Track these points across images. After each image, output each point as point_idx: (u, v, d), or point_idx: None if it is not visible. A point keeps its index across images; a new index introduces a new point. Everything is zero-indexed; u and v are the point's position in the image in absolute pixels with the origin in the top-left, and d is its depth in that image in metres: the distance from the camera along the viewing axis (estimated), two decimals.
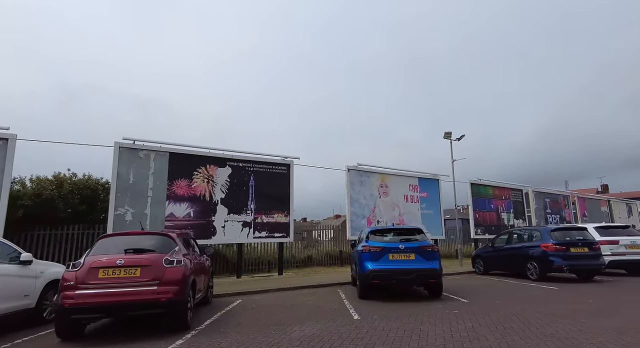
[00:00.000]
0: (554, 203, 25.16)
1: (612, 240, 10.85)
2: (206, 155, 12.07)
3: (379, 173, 16.21)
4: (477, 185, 19.79)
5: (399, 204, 16.53)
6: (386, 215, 15.93)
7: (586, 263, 9.42)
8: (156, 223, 10.81)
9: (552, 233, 9.85)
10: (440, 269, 7.04)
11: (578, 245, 9.50)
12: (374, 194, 15.78)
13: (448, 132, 16.30)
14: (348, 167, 15.10)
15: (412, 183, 17.36)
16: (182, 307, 4.69)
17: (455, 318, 5.35)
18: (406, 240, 7.22)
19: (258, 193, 12.73)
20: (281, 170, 13.48)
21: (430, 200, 17.85)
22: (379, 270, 6.90)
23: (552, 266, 9.36)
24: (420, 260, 6.95)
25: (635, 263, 10.97)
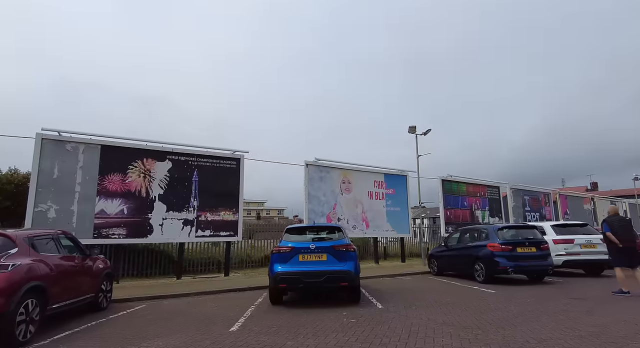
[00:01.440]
0: (533, 201, 24.54)
1: (567, 239, 10.21)
2: (143, 148, 11.34)
3: (341, 168, 15.52)
4: (449, 181, 19.14)
5: (362, 201, 15.86)
6: (348, 212, 15.27)
7: (533, 264, 8.77)
8: (84, 220, 10.12)
9: (498, 232, 9.20)
10: (356, 271, 6.36)
11: (525, 245, 8.85)
12: (335, 191, 15.10)
13: (412, 126, 15.62)
14: (307, 162, 14.41)
15: (377, 180, 16.69)
16: (6, 321, 4.00)
17: (343, 330, 4.68)
18: (319, 239, 6.53)
19: (202, 190, 12.03)
20: (230, 164, 12.77)
21: (397, 197, 17.19)
22: (286, 273, 6.22)
23: (497, 267, 8.71)
24: (333, 261, 6.28)
25: (590, 263, 10.36)
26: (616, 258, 7.24)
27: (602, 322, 4.77)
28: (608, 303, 6.18)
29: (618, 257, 7.21)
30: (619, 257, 7.21)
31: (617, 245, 7.15)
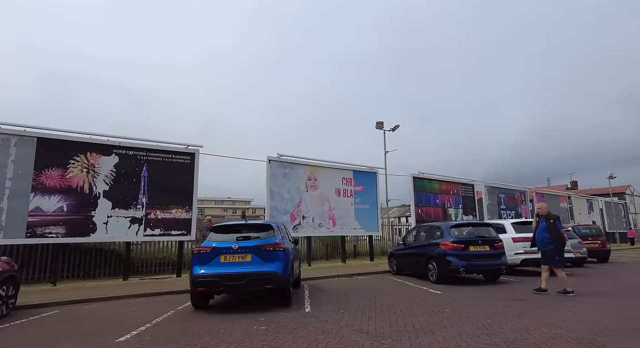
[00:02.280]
0: (509, 199, 24.44)
1: (526, 237, 9.86)
2: (86, 141, 10.67)
3: (307, 165, 15.04)
4: (421, 179, 18.82)
5: (329, 198, 15.40)
6: (314, 210, 14.79)
7: (486, 263, 8.43)
8: (16, 218, 9.43)
9: (451, 229, 8.83)
10: (284, 272, 5.87)
11: (478, 243, 8.49)
12: (301, 188, 14.61)
13: (380, 121, 15.20)
14: (269, 158, 13.89)
15: (346, 177, 16.24)
16: None
17: (242, 339, 4.19)
18: (244, 239, 6.02)
19: (152, 186, 11.40)
20: (183, 159, 12.16)
21: (366, 195, 16.78)
22: (205, 276, 5.69)
23: (449, 266, 8.33)
24: (258, 262, 5.78)
25: None
26: (561, 258, 6.90)
27: (526, 326, 4.38)
28: (547, 304, 5.83)
29: (562, 256, 6.89)
30: (562, 257, 6.89)
31: (563, 244, 6.82)
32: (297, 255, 8.35)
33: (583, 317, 4.85)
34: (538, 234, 6.97)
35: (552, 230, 6.77)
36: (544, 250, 6.87)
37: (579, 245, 12.52)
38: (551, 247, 6.76)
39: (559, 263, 6.80)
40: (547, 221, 6.89)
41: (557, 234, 6.76)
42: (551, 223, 6.84)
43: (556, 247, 6.75)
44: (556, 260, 6.80)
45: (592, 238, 14.15)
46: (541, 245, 6.91)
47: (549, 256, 6.83)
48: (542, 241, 6.91)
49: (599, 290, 7.29)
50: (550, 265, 6.91)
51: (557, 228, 6.82)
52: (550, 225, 6.82)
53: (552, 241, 6.75)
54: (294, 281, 8.37)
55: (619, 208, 36.78)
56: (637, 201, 45.64)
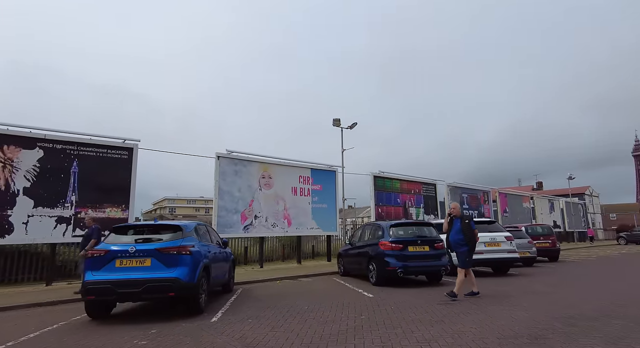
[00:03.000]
0: (472, 199, 24.70)
1: None
2: (4, 133, 9.69)
3: (261, 162, 14.44)
4: (381, 178, 18.60)
5: (284, 197, 14.87)
6: (267, 209, 14.22)
7: (424, 264, 8.14)
8: None
9: (391, 229, 8.50)
10: (189, 278, 5.29)
11: (417, 243, 8.19)
12: (253, 186, 14.00)
13: (336, 118, 14.81)
14: (218, 155, 13.20)
15: (303, 175, 15.76)
16: None
17: None
18: (145, 241, 5.41)
19: (84, 183, 10.52)
20: (120, 154, 11.32)
21: (325, 194, 16.37)
22: (96, 282, 5.04)
23: (387, 268, 7.99)
24: (158, 267, 5.18)
25: (494, 262, 9.97)
26: (470, 260, 6.55)
27: (433, 336, 4.02)
28: (470, 308, 5.53)
29: (471, 258, 6.57)
30: (471, 259, 6.59)
31: (475, 246, 6.55)
32: (227, 258, 7.77)
33: (499, 323, 4.55)
34: (452, 235, 6.61)
35: (466, 231, 6.44)
36: (459, 252, 6.51)
37: (529, 244, 12.55)
38: (465, 249, 6.44)
39: (467, 264, 6.44)
40: (462, 221, 6.55)
41: (471, 235, 6.45)
42: (466, 223, 6.52)
43: (470, 249, 6.45)
44: (466, 262, 6.43)
45: (543, 237, 14.30)
46: (456, 247, 6.53)
47: (462, 257, 6.45)
48: (456, 242, 6.53)
49: (535, 289, 7.13)
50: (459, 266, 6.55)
51: (472, 229, 6.50)
52: (465, 226, 6.48)
53: (466, 242, 6.43)
54: (224, 285, 7.84)
55: (578, 208, 38.16)
56: (595, 201, 47.68)
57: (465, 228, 6.48)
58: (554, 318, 4.69)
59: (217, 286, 7.29)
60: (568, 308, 5.34)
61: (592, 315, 4.85)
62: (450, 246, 6.65)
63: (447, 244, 6.78)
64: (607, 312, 5.00)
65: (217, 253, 6.84)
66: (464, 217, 6.63)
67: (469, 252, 6.44)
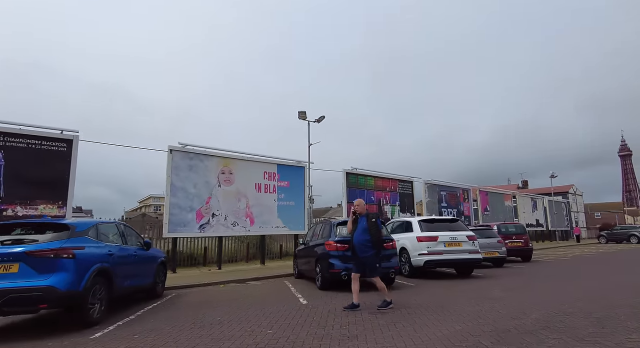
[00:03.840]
0: (451, 197, 24.16)
1: (431, 236, 9.07)
2: None
3: (220, 156, 13.61)
4: (354, 174, 17.91)
5: (247, 194, 14.06)
6: (227, 207, 13.40)
7: None
8: None
9: (337, 227, 7.77)
10: (71, 286, 4.47)
11: None
12: (211, 182, 13.16)
13: (302, 111, 14.05)
14: (170, 148, 12.34)
15: (268, 171, 14.97)
16: None
17: None
18: (14, 242, 4.56)
19: (11, 177, 9.57)
20: (57, 147, 10.38)
21: (292, 191, 15.60)
22: None
23: (331, 270, 7.25)
24: (28, 273, 4.33)
25: (455, 264, 9.32)
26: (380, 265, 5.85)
27: None
28: (403, 320, 4.83)
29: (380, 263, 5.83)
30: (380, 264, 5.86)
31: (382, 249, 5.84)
32: (150, 260, 6.97)
33: (419, 340, 3.84)
34: (357, 236, 5.71)
35: (373, 232, 5.54)
36: (366, 256, 5.64)
37: (498, 244, 11.96)
38: (372, 253, 5.60)
39: (378, 271, 5.64)
40: (368, 220, 5.66)
41: (378, 236, 5.60)
42: (372, 222, 5.59)
43: (377, 252, 5.63)
44: (376, 268, 5.59)
45: (516, 236, 13.74)
46: (361, 250, 5.63)
47: (370, 263, 5.56)
48: (362, 244, 5.61)
49: (489, 295, 6.45)
50: (364, 274, 5.64)
51: (379, 229, 5.65)
52: (372, 225, 5.59)
53: (373, 245, 5.57)
54: (148, 290, 7.05)
55: (561, 207, 38.02)
56: (579, 200, 47.76)
57: (371, 227, 5.56)
58: (485, 333, 3.99)
59: (135, 292, 6.49)
60: (510, 318, 4.66)
61: (531, 327, 4.17)
62: (354, 249, 5.74)
63: (350, 247, 5.87)
64: (550, 323, 4.33)
65: (129, 256, 6.03)
66: (371, 215, 5.74)
67: (376, 256, 5.60)
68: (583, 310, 5.00)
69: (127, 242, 6.16)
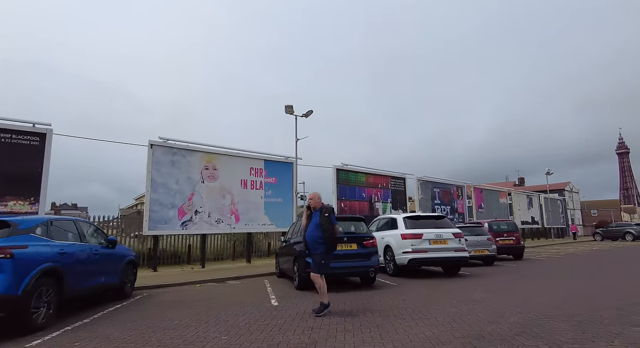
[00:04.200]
0: (444, 194, 23.84)
1: (415, 233, 8.73)
2: None
3: (203, 152, 13.22)
4: (345, 171, 17.55)
5: (232, 191, 13.69)
6: (211, 204, 13.03)
7: (350, 265, 7.06)
8: None
9: None
10: (7, 289, 4.07)
11: (343, 241, 7.10)
12: (194, 178, 12.78)
13: (289, 105, 13.65)
14: (151, 143, 11.93)
15: (255, 167, 14.59)
16: None
17: None
18: None
19: None
20: (29, 141, 9.98)
21: (281, 187, 15.24)
22: None
23: (308, 269, 6.88)
24: None
25: (439, 262, 9.00)
26: (327, 262, 5.26)
27: None
28: (373, 325, 4.49)
29: (328, 260, 5.27)
30: (328, 262, 5.28)
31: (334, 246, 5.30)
32: (116, 259, 6.60)
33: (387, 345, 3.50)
34: (310, 232, 5.33)
35: (325, 227, 5.10)
36: (315, 253, 5.23)
37: (488, 241, 11.65)
38: (322, 250, 5.19)
39: (323, 267, 5.17)
40: (321, 214, 5.24)
41: (331, 232, 5.14)
42: (325, 217, 5.13)
43: (328, 249, 5.21)
44: (322, 265, 5.14)
45: (507, 234, 13.42)
46: (313, 246, 5.25)
47: (317, 259, 5.18)
48: (313, 240, 5.18)
49: (471, 296, 6.12)
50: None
51: (332, 224, 5.17)
52: (324, 220, 5.12)
53: (324, 241, 5.16)
54: (116, 290, 6.70)
55: (557, 204, 37.78)
56: (575, 197, 47.57)
57: (324, 222, 5.11)
58: (456, 339, 3.65)
59: (98, 293, 6.13)
60: (488, 322, 4.32)
61: (507, 333, 3.83)
62: (306, 246, 5.36)
63: (304, 243, 5.47)
64: (528, 328, 4.00)
65: (89, 255, 5.66)
66: (324, 209, 5.25)
67: (327, 253, 5.20)
68: (566, 313, 4.67)
69: (86, 240, 5.78)
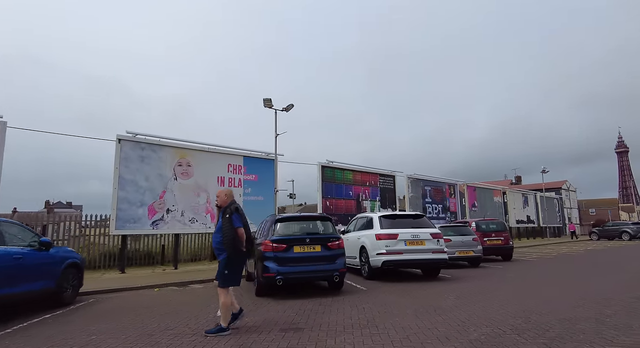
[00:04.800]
0: (436, 192, 23.23)
1: (390, 233, 8.11)
2: None
3: (176, 147, 12.59)
4: (330, 168, 16.95)
5: (207, 189, 13.07)
6: (185, 202, 12.41)
7: (312, 269, 6.43)
8: None
9: (277, 224, 6.78)
10: None
11: (305, 242, 6.49)
12: (166, 174, 12.16)
13: (267, 98, 13.02)
14: (119, 137, 11.31)
15: (233, 163, 13.98)
16: None
17: None
18: None
19: None
20: None
21: (261, 185, 14.64)
22: None
23: (265, 274, 6.28)
24: None
25: (416, 264, 8.39)
26: (232, 274, 4.38)
27: None
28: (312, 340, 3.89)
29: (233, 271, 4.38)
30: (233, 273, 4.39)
31: (240, 250, 4.37)
32: (51, 262, 5.99)
33: None
34: (214, 236, 4.57)
35: (225, 231, 4.28)
36: (220, 261, 4.45)
37: (473, 242, 11.04)
38: (223, 256, 4.42)
39: (227, 279, 4.30)
40: (223, 215, 4.39)
41: (231, 237, 4.26)
42: (226, 218, 4.32)
43: (228, 256, 4.41)
44: (225, 276, 4.29)
45: (495, 234, 12.80)
46: (217, 253, 4.50)
47: (219, 269, 4.39)
48: (216, 246, 4.44)
49: (439, 304, 5.52)
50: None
51: (232, 226, 4.28)
52: (224, 222, 4.32)
53: (225, 246, 4.34)
54: (54, 296, 6.10)
55: (554, 203, 37.20)
56: (572, 196, 46.97)
57: (224, 224, 4.30)
58: None
59: (22, 301, 5.53)
60: (445, 339, 3.72)
61: None
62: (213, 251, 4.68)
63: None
64: (489, 346, 3.39)
65: (7, 259, 5.04)
66: (227, 209, 4.39)
67: (230, 261, 4.31)
68: (539, 326, 4.06)
69: (5, 242, 5.16)
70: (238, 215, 4.36)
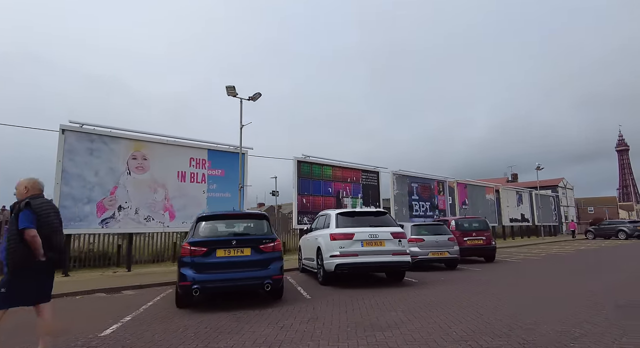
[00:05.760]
0: (423, 189, 22.22)
1: (346, 233, 7.13)
2: None
3: (131, 139, 11.60)
4: (307, 163, 15.96)
5: (166, 184, 12.10)
6: (139, 198, 11.43)
7: (237, 276, 5.42)
8: None
9: (199, 224, 5.79)
10: None
11: (231, 245, 5.50)
12: (117, 168, 11.18)
13: (230, 85, 12.02)
14: (63, 128, 10.34)
15: (196, 157, 13.00)
16: None
17: None
18: None
19: None
20: None
21: (228, 180, 13.66)
22: None
23: (181, 282, 5.29)
24: None
25: (372, 268, 7.41)
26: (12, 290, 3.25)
27: None
28: None
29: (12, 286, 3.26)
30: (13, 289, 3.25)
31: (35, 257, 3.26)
32: None
33: None
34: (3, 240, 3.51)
35: (9, 233, 3.29)
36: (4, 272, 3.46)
37: (449, 242, 10.06)
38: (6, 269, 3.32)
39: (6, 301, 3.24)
40: (14, 212, 3.34)
41: (15, 239, 3.24)
42: (12, 218, 3.32)
43: (8, 266, 3.23)
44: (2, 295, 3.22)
45: (477, 233, 11.82)
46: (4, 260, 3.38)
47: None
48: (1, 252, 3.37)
49: (383, 320, 4.55)
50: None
51: (18, 227, 3.24)
52: (10, 222, 3.34)
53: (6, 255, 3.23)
54: None
55: (549, 201, 36.22)
56: (569, 194, 45.97)
57: (10, 225, 3.33)
58: None
59: None
60: None
61: None
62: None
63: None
64: None
65: None
66: (16, 206, 3.34)
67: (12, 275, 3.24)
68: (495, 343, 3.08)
69: None
70: (29, 212, 3.27)
